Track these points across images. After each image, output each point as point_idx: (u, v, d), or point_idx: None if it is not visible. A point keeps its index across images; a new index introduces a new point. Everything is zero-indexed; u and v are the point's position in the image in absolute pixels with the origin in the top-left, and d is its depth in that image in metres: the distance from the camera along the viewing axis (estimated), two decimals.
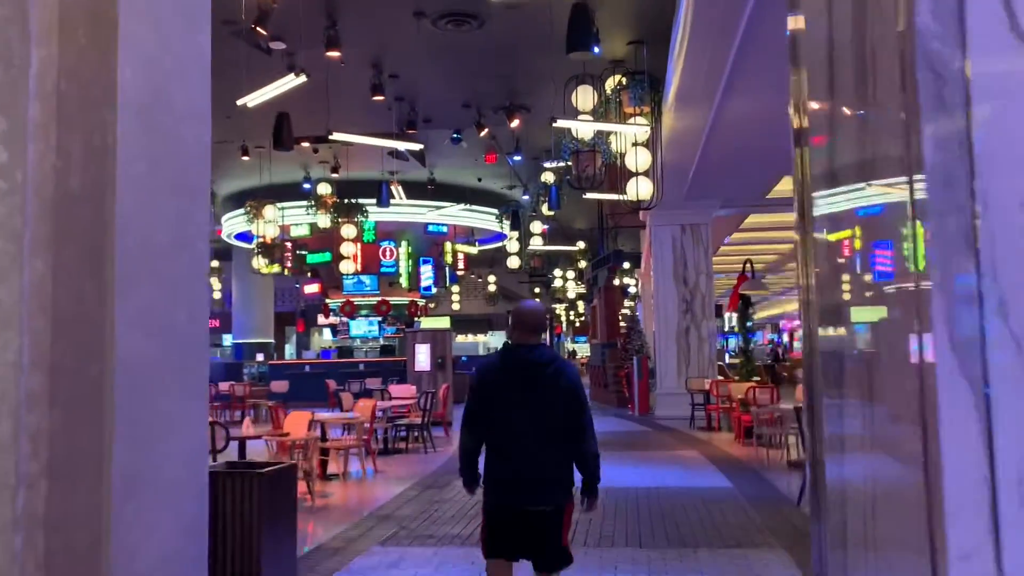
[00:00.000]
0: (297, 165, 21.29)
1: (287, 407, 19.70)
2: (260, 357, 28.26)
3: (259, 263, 18.60)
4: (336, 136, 10.65)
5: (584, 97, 10.65)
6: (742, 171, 14.09)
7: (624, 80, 10.87)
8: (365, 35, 10.89)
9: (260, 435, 7.46)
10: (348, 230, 18.30)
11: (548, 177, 18.89)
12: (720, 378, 15.89)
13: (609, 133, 11.11)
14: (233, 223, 24.69)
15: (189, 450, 2.92)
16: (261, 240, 18.21)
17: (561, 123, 9.74)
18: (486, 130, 13.85)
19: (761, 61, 8.59)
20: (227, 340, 35.75)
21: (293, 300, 36.48)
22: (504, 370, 3.81)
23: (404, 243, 25.33)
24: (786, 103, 2.95)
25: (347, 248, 18.52)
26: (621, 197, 11.24)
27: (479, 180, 23.48)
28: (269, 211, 18.18)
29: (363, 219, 18.74)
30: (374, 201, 22.06)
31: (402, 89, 12.71)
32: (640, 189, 10.71)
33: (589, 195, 12.87)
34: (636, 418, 17.30)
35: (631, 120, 10.44)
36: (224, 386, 18.83)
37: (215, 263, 34.87)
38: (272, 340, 31.40)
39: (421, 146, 12.40)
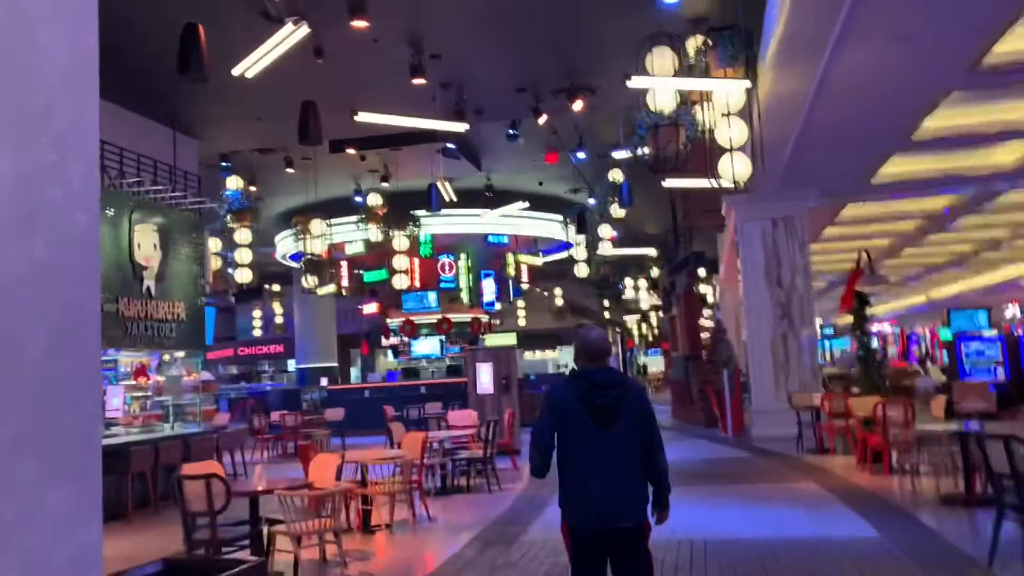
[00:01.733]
0: (347, 177, 19.93)
1: (344, 436, 18.41)
2: (324, 382, 26.96)
3: (309, 282, 17.20)
4: (363, 117, 9.06)
5: (661, 61, 8.80)
6: (848, 148, 12.01)
7: (710, 40, 8.99)
8: (397, 2, 9.30)
9: (271, 489, 5.84)
10: (400, 242, 16.76)
11: (617, 175, 17.05)
12: (832, 391, 13.73)
13: (694, 103, 9.24)
14: (287, 243, 23.53)
15: None
16: (308, 257, 16.80)
17: (637, 81, 7.92)
18: (544, 117, 12.09)
19: None
20: (291, 365, 34.76)
21: (356, 322, 35.30)
22: (576, 395, 3.86)
23: (463, 256, 23.74)
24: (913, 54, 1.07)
25: (400, 262, 16.97)
26: (712, 182, 9.31)
27: (540, 184, 21.75)
28: (316, 226, 16.79)
29: (416, 229, 17.18)
30: (427, 212, 20.79)
31: (446, 72, 11.07)
32: (736, 167, 8.79)
33: (671, 182, 11.01)
34: (730, 440, 15.22)
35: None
36: (275, 416, 17.42)
37: (276, 287, 34.00)
38: (336, 364, 30.19)
39: (466, 127, 10.73)
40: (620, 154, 13.38)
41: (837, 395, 12.37)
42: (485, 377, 14.74)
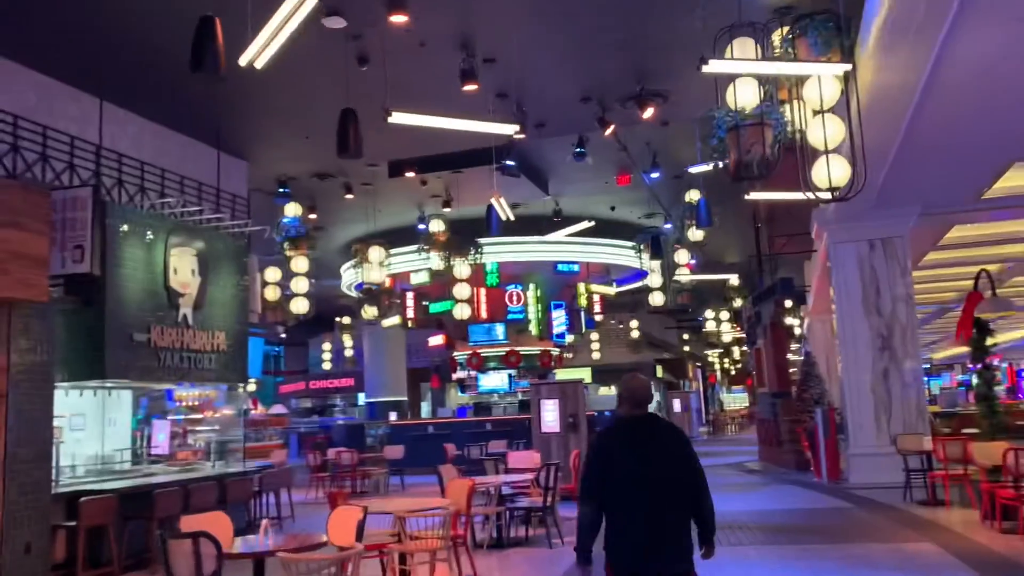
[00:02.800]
0: (410, 204, 19.21)
1: (403, 474, 17.45)
2: (393, 417, 26.20)
3: (368, 312, 16.44)
4: (397, 118, 8.15)
5: (743, 52, 7.67)
6: (961, 155, 10.54)
7: (798, 28, 7.79)
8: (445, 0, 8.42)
9: (273, 551, 4.84)
10: (462, 269, 15.83)
11: (693, 195, 15.82)
12: (938, 433, 12.08)
13: (782, 102, 8.03)
14: (351, 274, 22.93)
15: None
16: (367, 287, 16.04)
17: (715, 65, 6.76)
18: (611, 127, 11.01)
19: None
20: (362, 399, 34.21)
21: (427, 355, 34.57)
22: (619, 441, 3.99)
23: (532, 286, 22.70)
24: None
25: (462, 290, 16.04)
26: (806, 195, 8.03)
27: (612, 209, 20.60)
28: (374, 253, 16.03)
29: (478, 256, 16.22)
30: (493, 240, 19.85)
31: (502, 79, 10.12)
32: (832, 171, 7.52)
33: (755, 195, 9.77)
34: (825, 487, 13.61)
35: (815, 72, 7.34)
36: (332, 453, 16.59)
37: (345, 319, 33.60)
38: (405, 398, 29.44)
39: (516, 128, 9.70)
40: (697, 169, 12.17)
41: (952, 439, 10.76)
42: (550, 415, 13.59)
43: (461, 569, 7.51)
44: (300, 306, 15.42)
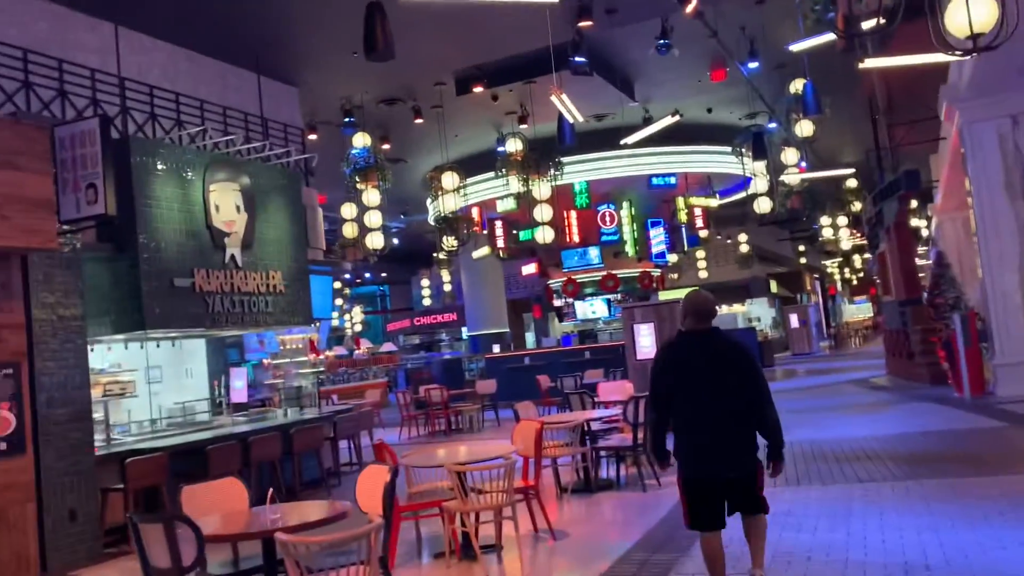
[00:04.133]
0: (487, 126, 18.01)
1: (497, 409, 16.65)
2: (496, 349, 25.51)
3: (447, 243, 15.48)
4: None
5: None
6: None
7: None
8: None
9: (266, 531, 3.91)
10: (542, 189, 14.58)
11: (798, 84, 13.92)
12: None
13: None
14: (434, 206, 22.06)
15: None
16: (443, 215, 15.03)
17: None
18: (694, 3, 9.37)
19: None
20: (465, 333, 33.79)
21: (529, 285, 33.66)
22: (685, 354, 4.23)
23: (625, 204, 21.19)
24: None
25: (543, 212, 14.80)
26: (938, 52, 6.33)
27: (709, 111, 18.78)
28: (447, 179, 14.97)
29: (558, 174, 14.91)
30: (578, 157, 18.44)
31: None
32: (974, 10, 5.83)
33: (872, 62, 8.07)
34: (967, 403, 11.89)
35: None
36: (422, 391, 15.91)
37: (442, 255, 32.99)
38: (507, 330, 28.67)
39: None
40: (800, 46, 10.37)
41: None
42: (646, 340, 12.36)
43: (535, 523, 6.52)
44: (375, 241, 14.62)
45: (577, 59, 10.63)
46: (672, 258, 24.08)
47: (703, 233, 24.20)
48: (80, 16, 8.71)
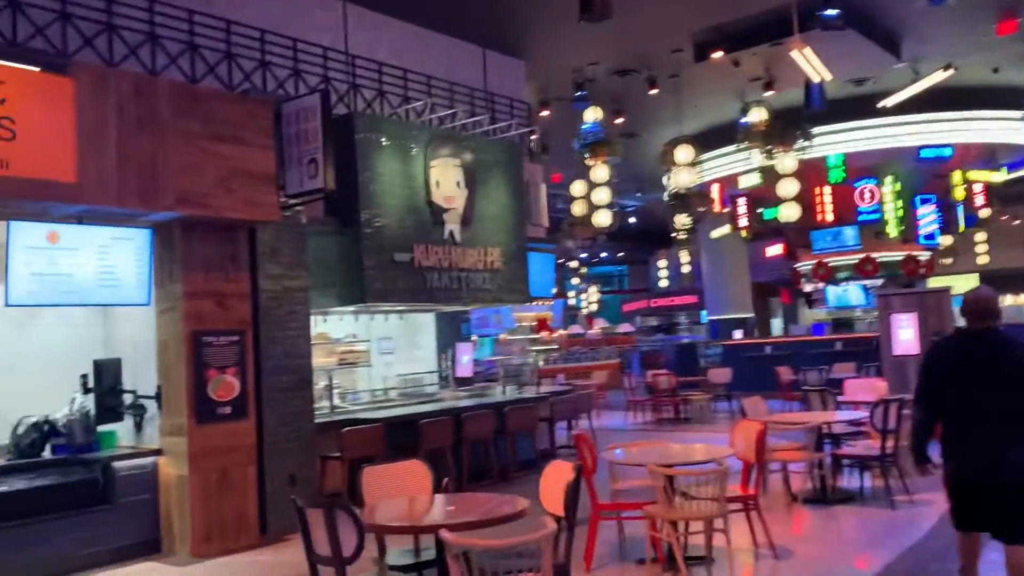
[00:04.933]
0: (728, 95, 16.79)
1: (730, 399, 15.54)
2: (738, 335, 24.20)
3: (680, 221, 14.64)
4: None
5: None
6: None
7: None
8: None
9: (435, 526, 3.56)
10: (786, 162, 13.26)
11: None
12: None
13: None
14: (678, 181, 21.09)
15: None
16: (675, 191, 14.20)
17: None
18: None
19: None
20: (704, 317, 32.52)
21: (776, 268, 31.63)
22: (958, 351, 4.12)
23: (888, 179, 18.93)
24: None
25: (788, 187, 13.48)
26: None
27: (995, 71, 16.17)
28: (681, 153, 14.10)
29: (806, 144, 13.48)
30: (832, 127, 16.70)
31: None
32: None
33: None
34: None
35: None
36: (649, 376, 15.24)
37: (680, 235, 31.85)
38: (751, 315, 27.08)
39: None
40: None
41: None
42: (906, 332, 10.80)
43: (755, 536, 5.72)
44: (603, 219, 14.15)
45: (828, 12, 9.37)
46: (944, 240, 21.29)
47: (984, 212, 21.11)
48: None
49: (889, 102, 12.26)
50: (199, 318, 6.66)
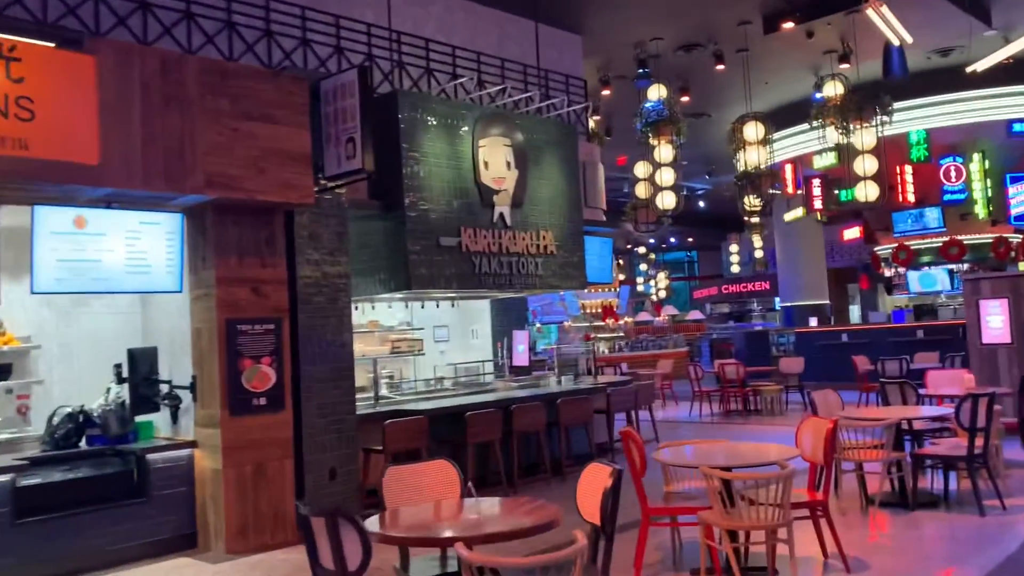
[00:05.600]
0: (802, 68, 15.90)
1: (803, 391, 14.68)
2: (813, 322, 23.20)
3: (749, 203, 13.90)
4: None
5: None
6: None
7: None
8: None
9: (450, 539, 3.16)
10: (863, 138, 12.41)
11: None
12: None
13: None
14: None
15: None
16: (744, 172, 13.47)
17: None
18: None
19: None
20: (778, 303, 31.39)
21: (851, 253, 30.26)
22: None
23: (976, 157, 17.73)
24: None
25: (864, 164, 12.62)
26: None
27: None
28: (750, 130, 13.36)
29: (885, 118, 12.59)
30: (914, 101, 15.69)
31: None
32: None
33: None
34: None
35: None
36: (716, 365, 14.57)
37: (753, 219, 30.75)
38: (827, 302, 25.97)
39: None
40: None
41: None
42: (995, 319, 9.94)
43: (824, 545, 5.17)
44: (667, 201, 13.51)
45: None
46: None
47: None
48: None
49: (979, 66, 11.26)
50: (233, 306, 6.41)
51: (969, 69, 12.07)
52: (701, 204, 29.61)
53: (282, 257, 6.78)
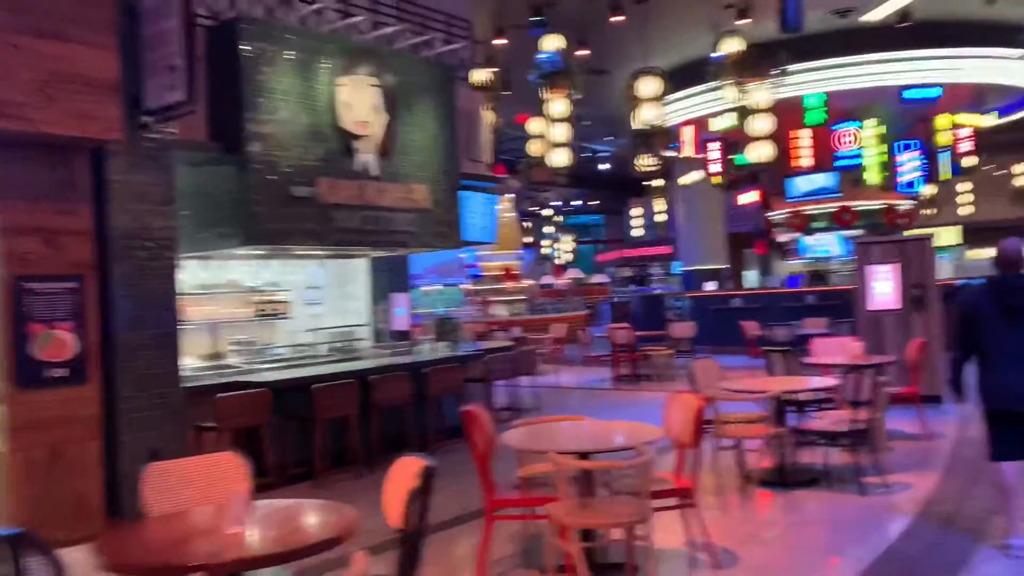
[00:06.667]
0: (703, 28, 15.40)
1: (694, 353, 14.39)
2: (711, 286, 23.14)
3: (642, 162, 13.37)
4: None
5: None
6: None
7: None
8: None
9: (185, 567, 2.40)
10: (758, 96, 11.99)
11: None
12: None
13: None
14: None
15: None
16: (638, 129, 12.90)
17: None
18: None
19: None
20: (678, 268, 31.42)
21: (752, 218, 30.46)
22: (990, 298, 4.50)
23: (870, 122, 17.73)
24: None
25: (758, 125, 12.23)
26: None
27: (990, 2, 14.90)
28: (646, 86, 12.77)
29: (781, 77, 12.20)
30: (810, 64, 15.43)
31: None
32: None
33: None
34: None
35: None
36: (607, 330, 14.11)
37: (659, 182, 30.53)
38: (725, 265, 26.02)
39: None
40: None
41: None
42: (883, 285, 9.69)
43: (693, 538, 4.61)
44: (559, 158, 12.85)
45: None
46: (927, 190, 20.19)
47: (969, 160, 20.04)
48: None
49: (872, 16, 10.92)
50: (21, 260, 5.37)
51: (862, 18, 11.75)
52: (606, 167, 29.21)
53: (86, 204, 5.74)
